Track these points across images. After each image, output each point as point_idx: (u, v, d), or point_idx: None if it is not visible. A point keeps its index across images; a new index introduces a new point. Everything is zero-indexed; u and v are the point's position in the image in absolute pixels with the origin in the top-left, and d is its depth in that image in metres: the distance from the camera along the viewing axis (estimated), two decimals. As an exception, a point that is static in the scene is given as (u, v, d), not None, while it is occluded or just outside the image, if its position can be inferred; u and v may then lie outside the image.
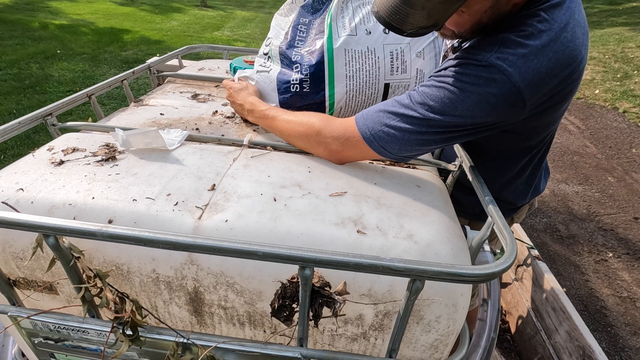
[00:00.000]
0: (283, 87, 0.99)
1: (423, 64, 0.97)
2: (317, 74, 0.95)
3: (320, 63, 0.94)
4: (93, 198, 0.69)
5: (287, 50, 1.00)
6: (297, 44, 1.00)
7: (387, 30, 0.94)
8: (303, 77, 0.96)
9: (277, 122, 0.91)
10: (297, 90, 0.97)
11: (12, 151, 3.09)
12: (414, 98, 0.74)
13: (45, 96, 4.12)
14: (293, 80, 0.97)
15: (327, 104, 0.97)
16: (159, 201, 0.69)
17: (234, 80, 1.13)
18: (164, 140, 0.85)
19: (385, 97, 1.00)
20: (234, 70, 1.40)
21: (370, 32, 0.94)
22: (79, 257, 0.62)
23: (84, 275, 0.62)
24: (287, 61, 1.00)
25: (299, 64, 0.97)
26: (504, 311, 1.97)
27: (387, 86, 1.00)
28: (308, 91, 0.97)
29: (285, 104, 1.00)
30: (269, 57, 1.05)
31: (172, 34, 7.43)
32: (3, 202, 0.67)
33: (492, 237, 1.04)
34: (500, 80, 0.67)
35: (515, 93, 0.67)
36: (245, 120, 1.08)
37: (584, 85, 5.18)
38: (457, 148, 0.92)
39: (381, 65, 0.95)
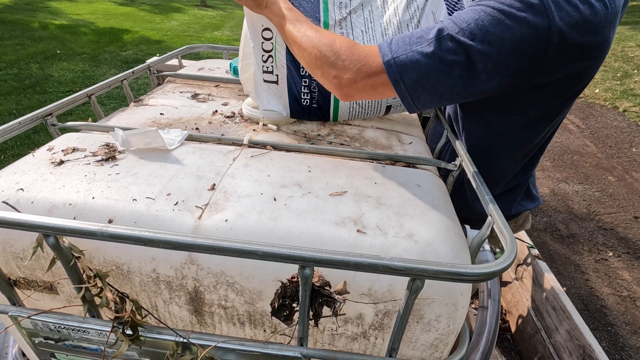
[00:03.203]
0: (293, 99, 1.00)
1: None
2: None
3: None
4: (93, 198, 0.69)
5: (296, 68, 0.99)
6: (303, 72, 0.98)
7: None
8: (312, 96, 0.98)
9: (293, 29, 0.81)
10: (307, 104, 0.99)
11: (12, 151, 3.09)
12: (445, 24, 0.71)
13: (45, 96, 4.12)
14: (303, 96, 0.98)
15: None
16: (159, 201, 0.69)
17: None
18: (163, 140, 0.85)
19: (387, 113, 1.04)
20: (234, 70, 1.40)
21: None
22: (79, 257, 0.62)
23: (84, 275, 0.62)
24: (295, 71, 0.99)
25: (307, 79, 0.97)
26: (504, 310, 1.97)
27: (388, 107, 1.04)
28: (316, 107, 1.00)
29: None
30: (270, 55, 1.01)
31: (172, 33, 7.43)
32: (3, 202, 0.67)
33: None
34: (537, 7, 0.65)
35: (547, 30, 0.66)
36: (245, 120, 1.08)
37: (584, 85, 5.17)
38: (458, 148, 0.92)
39: None
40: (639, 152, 3.68)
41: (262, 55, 0.99)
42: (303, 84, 0.98)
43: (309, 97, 1.00)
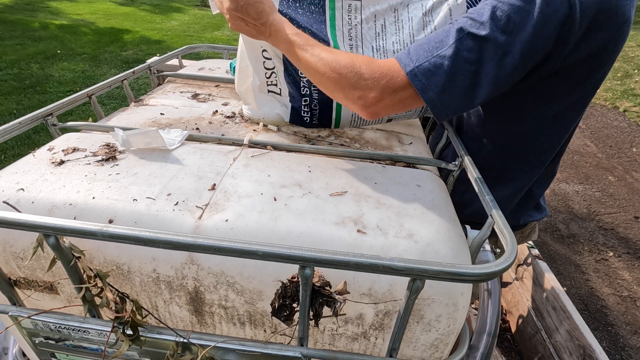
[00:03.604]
0: (294, 112, 0.99)
1: None
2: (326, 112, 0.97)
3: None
4: (93, 198, 0.69)
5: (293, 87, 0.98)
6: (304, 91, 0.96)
7: None
8: (312, 110, 0.98)
9: (305, 54, 0.77)
10: (308, 121, 0.99)
11: (12, 151, 3.09)
12: (462, 22, 0.70)
13: (45, 96, 4.12)
14: (304, 114, 0.98)
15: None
16: (159, 201, 0.69)
17: None
18: (164, 140, 0.85)
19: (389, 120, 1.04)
20: (234, 70, 1.40)
21: None
22: (80, 257, 0.62)
23: (84, 275, 0.62)
24: (294, 88, 0.98)
25: (307, 97, 0.97)
26: (504, 310, 1.97)
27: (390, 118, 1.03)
28: (317, 123, 1.00)
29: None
30: (273, 72, 0.99)
31: (172, 33, 7.42)
32: (4, 202, 0.67)
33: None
34: None
35: (567, 6, 0.65)
36: (246, 120, 1.08)
37: (584, 85, 5.17)
38: (458, 148, 0.91)
39: None
40: (639, 152, 3.68)
41: (265, 73, 0.99)
42: (303, 102, 0.98)
43: (309, 115, 1.00)
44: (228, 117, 1.10)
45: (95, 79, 4.77)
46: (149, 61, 1.49)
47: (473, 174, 0.78)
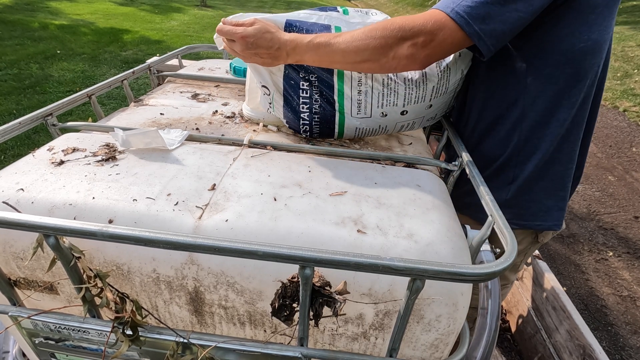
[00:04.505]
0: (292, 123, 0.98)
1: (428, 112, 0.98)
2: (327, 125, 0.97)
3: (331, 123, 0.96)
4: (93, 198, 0.69)
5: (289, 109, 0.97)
6: (302, 107, 0.94)
7: (405, 112, 0.93)
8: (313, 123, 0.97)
9: (335, 45, 0.77)
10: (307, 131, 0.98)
11: (12, 151, 3.09)
12: None
13: (45, 96, 4.12)
14: (302, 126, 0.97)
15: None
16: (159, 201, 0.69)
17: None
18: (163, 140, 0.85)
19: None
20: (234, 70, 1.40)
21: (385, 115, 0.93)
22: (80, 257, 0.62)
23: (84, 275, 0.62)
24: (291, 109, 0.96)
25: (307, 121, 0.96)
26: (504, 310, 1.97)
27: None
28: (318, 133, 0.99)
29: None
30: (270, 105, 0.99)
31: (172, 34, 7.42)
32: (4, 202, 0.67)
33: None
34: None
35: None
36: (246, 121, 1.08)
37: (584, 84, 5.17)
38: (458, 148, 0.91)
39: (390, 129, 0.98)
40: (639, 152, 3.68)
41: (264, 99, 1.00)
42: (302, 129, 0.97)
43: (308, 134, 0.99)
44: (228, 117, 1.10)
45: (95, 79, 4.77)
46: (149, 61, 1.49)
47: (472, 172, 0.78)
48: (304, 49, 0.79)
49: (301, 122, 0.95)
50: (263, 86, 0.96)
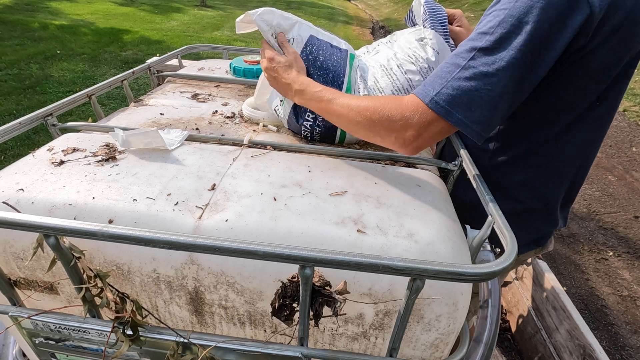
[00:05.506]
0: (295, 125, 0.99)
1: None
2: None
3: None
4: (93, 198, 0.69)
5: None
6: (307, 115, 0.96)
7: None
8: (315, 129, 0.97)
9: (334, 106, 0.80)
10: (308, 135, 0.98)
11: (12, 152, 3.09)
12: (470, 40, 0.70)
13: (45, 96, 4.12)
14: (304, 130, 0.98)
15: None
16: (159, 201, 0.69)
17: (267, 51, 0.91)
18: (163, 140, 0.85)
19: None
20: (234, 70, 1.40)
21: None
22: (80, 257, 0.62)
23: (84, 275, 0.62)
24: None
25: (308, 130, 0.97)
26: (504, 310, 1.97)
27: None
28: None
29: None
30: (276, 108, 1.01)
31: (172, 34, 7.43)
32: (4, 203, 0.67)
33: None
34: None
35: None
36: (246, 121, 1.08)
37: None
38: (457, 147, 0.91)
39: None
40: (639, 152, 3.68)
41: (276, 98, 1.00)
42: (304, 133, 0.98)
43: (309, 138, 0.99)
44: (228, 117, 1.10)
45: (95, 79, 4.77)
46: (149, 61, 1.49)
47: (472, 172, 0.78)
48: (309, 97, 0.84)
49: (302, 129, 0.96)
50: None
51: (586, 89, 0.78)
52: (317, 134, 0.95)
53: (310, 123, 0.94)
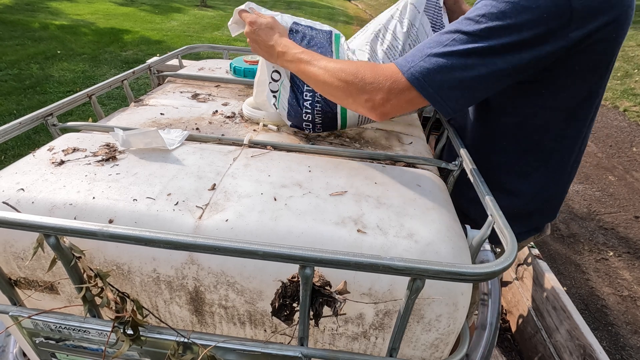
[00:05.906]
0: (294, 115, 0.98)
1: None
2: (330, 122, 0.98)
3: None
4: (94, 198, 0.69)
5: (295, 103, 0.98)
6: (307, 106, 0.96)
7: None
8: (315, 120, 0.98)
9: (311, 67, 0.82)
10: (310, 127, 0.98)
11: (12, 152, 3.09)
12: (456, 23, 0.71)
13: (45, 96, 4.12)
14: (305, 123, 0.98)
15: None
16: (159, 201, 0.69)
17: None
18: (163, 140, 0.85)
19: None
20: (234, 70, 1.40)
21: None
22: (80, 257, 0.62)
23: (84, 275, 0.63)
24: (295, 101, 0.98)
25: (310, 123, 0.97)
26: (504, 310, 1.97)
27: None
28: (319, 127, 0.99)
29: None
30: (274, 96, 1.01)
31: (172, 34, 7.43)
32: (4, 202, 0.67)
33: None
34: None
35: None
36: (246, 120, 1.08)
37: (584, 84, 5.18)
38: (457, 147, 0.91)
39: None
40: (639, 152, 3.68)
41: (270, 93, 1.00)
42: (305, 124, 0.98)
43: (311, 128, 0.99)
44: (228, 117, 1.10)
45: (95, 79, 4.77)
46: (149, 61, 1.49)
47: (472, 172, 0.78)
48: (289, 58, 0.86)
49: (304, 111, 0.95)
50: (275, 71, 0.97)
51: (578, 87, 0.80)
52: (319, 114, 0.95)
53: (310, 102, 0.94)
